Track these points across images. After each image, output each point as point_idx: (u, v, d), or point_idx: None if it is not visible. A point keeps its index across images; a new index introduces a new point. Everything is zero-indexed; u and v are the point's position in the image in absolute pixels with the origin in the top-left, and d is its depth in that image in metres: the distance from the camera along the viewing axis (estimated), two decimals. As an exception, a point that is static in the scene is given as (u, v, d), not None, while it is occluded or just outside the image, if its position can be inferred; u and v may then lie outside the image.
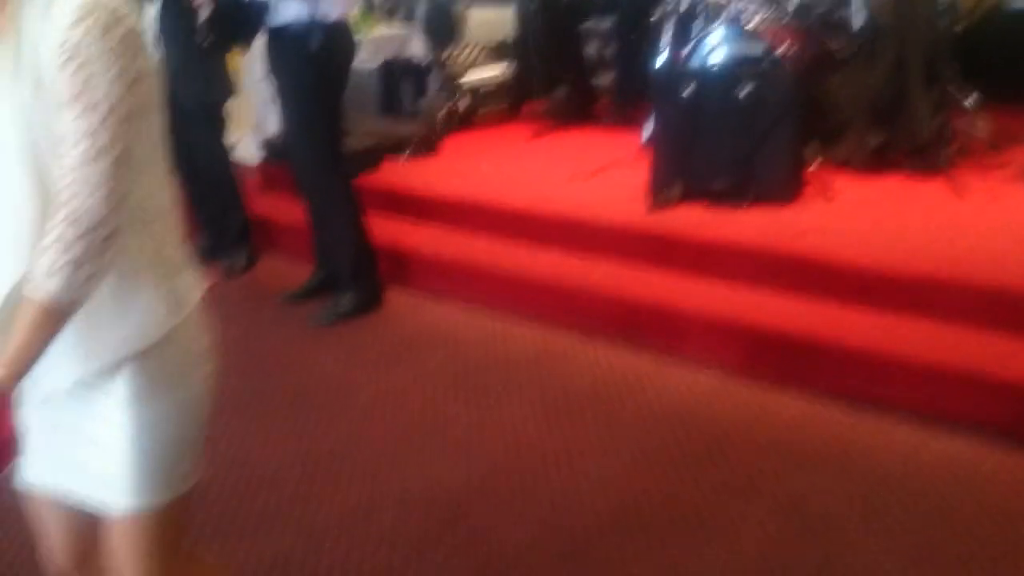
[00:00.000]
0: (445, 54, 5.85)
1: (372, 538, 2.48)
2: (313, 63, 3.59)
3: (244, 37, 3.76)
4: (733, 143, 3.78)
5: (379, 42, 6.88)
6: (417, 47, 7.08)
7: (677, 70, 3.87)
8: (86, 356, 1.36)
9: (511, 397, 3.17)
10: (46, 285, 1.23)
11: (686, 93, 3.82)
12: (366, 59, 6.78)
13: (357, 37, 6.96)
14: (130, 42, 1.27)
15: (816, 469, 2.67)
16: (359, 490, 2.69)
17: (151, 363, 1.38)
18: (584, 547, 2.39)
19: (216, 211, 4.58)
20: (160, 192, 1.41)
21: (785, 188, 3.78)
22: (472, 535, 2.47)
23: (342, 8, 3.70)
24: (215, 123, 4.41)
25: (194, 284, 1.46)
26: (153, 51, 1.43)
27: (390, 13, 8.23)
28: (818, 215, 3.70)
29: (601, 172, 4.52)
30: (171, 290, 1.40)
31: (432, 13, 7.57)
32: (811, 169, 3.97)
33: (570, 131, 5.43)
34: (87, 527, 1.53)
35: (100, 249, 1.24)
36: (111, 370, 1.37)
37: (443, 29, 7.44)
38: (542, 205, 4.13)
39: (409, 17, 7.73)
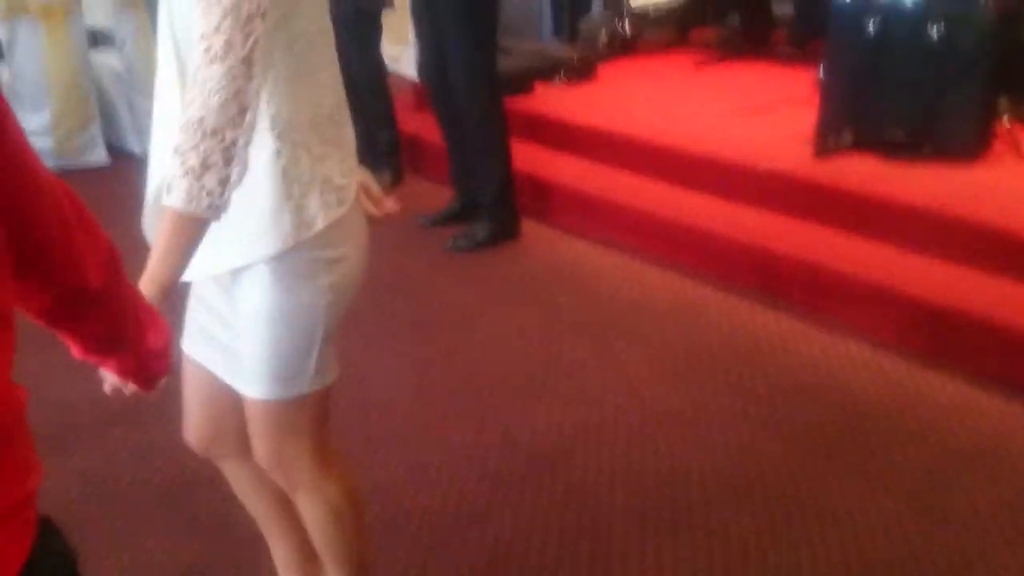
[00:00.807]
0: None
1: (473, 478, 2.42)
2: None
3: None
4: (916, 88, 3.39)
5: (550, -42, 6.64)
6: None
7: (862, 1, 3.48)
8: (215, 253, 1.35)
9: (637, 346, 3.02)
10: (171, 194, 1.20)
11: (869, 28, 3.44)
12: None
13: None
14: None
15: (966, 462, 2.40)
16: (467, 427, 2.64)
17: (279, 266, 1.37)
18: (688, 519, 2.24)
19: (365, 125, 4.57)
20: (308, 103, 1.36)
21: (969, 144, 3.37)
22: (573, 489, 2.37)
23: None
24: (369, 34, 4.35)
25: (330, 205, 1.39)
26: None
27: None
28: (1004, 177, 3.29)
29: (767, 110, 4.19)
30: (301, 207, 1.35)
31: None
32: (1001, 125, 3.52)
33: (740, 63, 5.07)
34: (223, 409, 1.57)
35: (223, 156, 1.20)
36: (240, 269, 1.38)
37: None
38: (696, 143, 3.87)
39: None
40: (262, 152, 1.30)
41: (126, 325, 1.02)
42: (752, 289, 3.26)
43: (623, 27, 5.37)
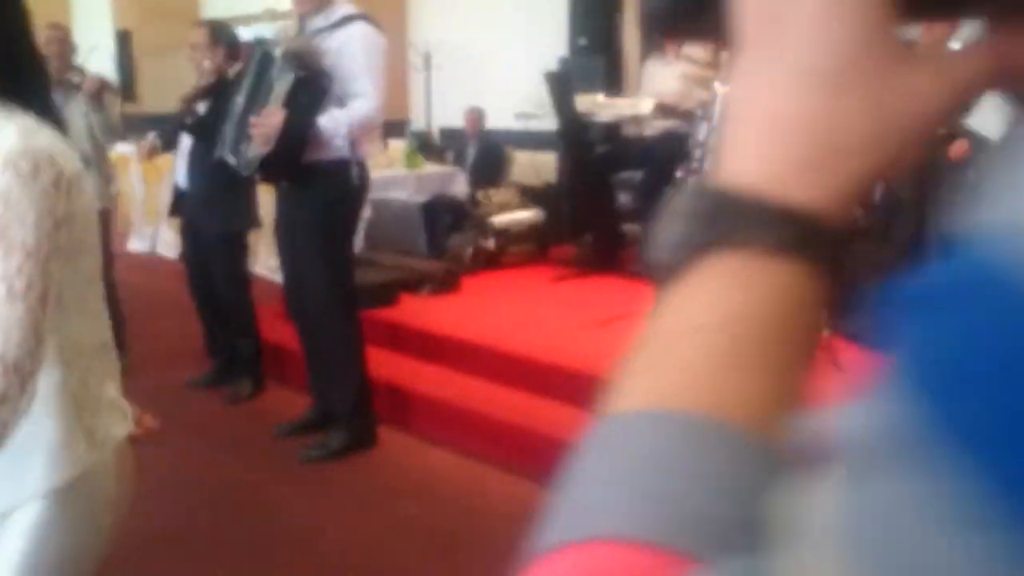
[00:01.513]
0: (480, 194, 5.95)
1: None
2: (350, 197, 3.63)
3: (292, 175, 3.59)
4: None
5: (425, 179, 7.08)
6: (460, 186, 7.25)
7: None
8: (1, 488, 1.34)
9: (482, 555, 3.02)
10: None
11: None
12: (410, 195, 6.97)
13: (405, 172, 7.20)
14: (60, 186, 1.30)
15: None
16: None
17: (59, 503, 1.35)
18: None
19: (227, 338, 4.62)
20: (90, 331, 1.43)
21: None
22: None
23: (369, 148, 3.79)
24: (235, 252, 4.49)
25: (118, 424, 1.43)
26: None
27: (440, 152, 8.51)
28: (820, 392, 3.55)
29: (615, 321, 4.45)
30: (91, 428, 1.38)
31: (480, 153, 7.80)
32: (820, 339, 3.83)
33: (594, 278, 5.41)
34: None
35: (21, 387, 1.24)
36: (22, 503, 1.34)
37: (489, 170, 7.64)
38: (547, 353, 4.06)
39: (459, 158, 7.98)
40: (54, 379, 1.35)
41: None
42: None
43: (487, 243, 5.69)
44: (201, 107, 4.23)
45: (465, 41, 8.72)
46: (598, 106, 5.20)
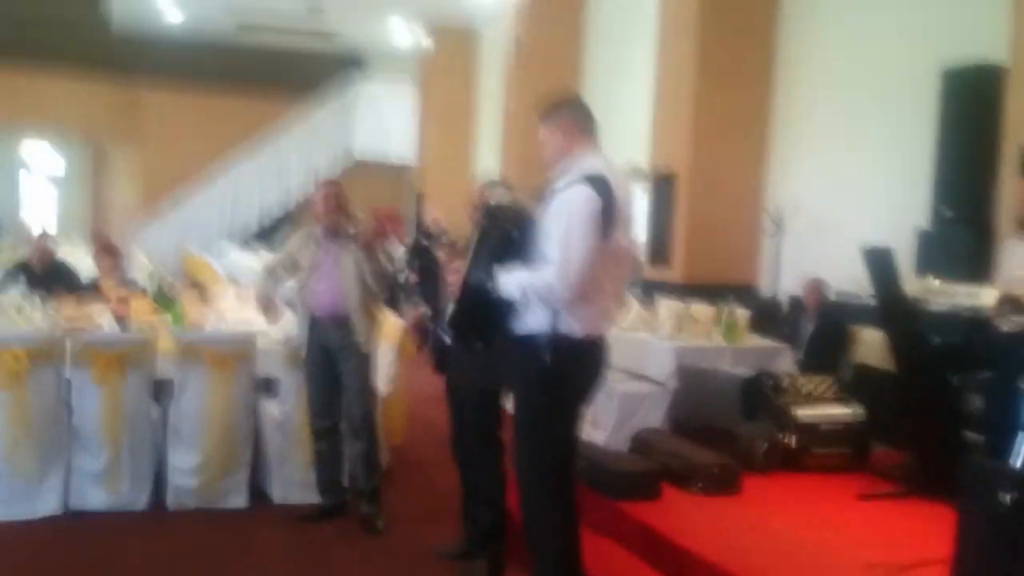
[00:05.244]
0: (786, 379, 5.21)
1: None
2: (544, 377, 3.29)
3: (485, 337, 3.53)
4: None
5: (742, 353, 6.47)
6: (787, 364, 6.51)
7: (997, 468, 2.90)
8: None
9: None
10: None
11: (1005, 499, 2.83)
12: (730, 367, 6.39)
13: (725, 344, 6.64)
14: None
15: None
16: None
17: None
18: None
19: (475, 503, 4.38)
20: None
21: None
22: None
23: (592, 326, 3.36)
24: (488, 410, 4.27)
25: None
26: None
27: (767, 326, 7.80)
28: None
29: (912, 570, 3.50)
30: None
31: (819, 329, 6.99)
32: None
33: (915, 500, 4.39)
34: None
35: None
36: None
37: (827, 348, 6.80)
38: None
39: (794, 331, 7.23)
40: None
41: None
42: None
43: (787, 439, 4.91)
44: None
45: (820, 206, 8.03)
46: (930, 292, 4.33)
